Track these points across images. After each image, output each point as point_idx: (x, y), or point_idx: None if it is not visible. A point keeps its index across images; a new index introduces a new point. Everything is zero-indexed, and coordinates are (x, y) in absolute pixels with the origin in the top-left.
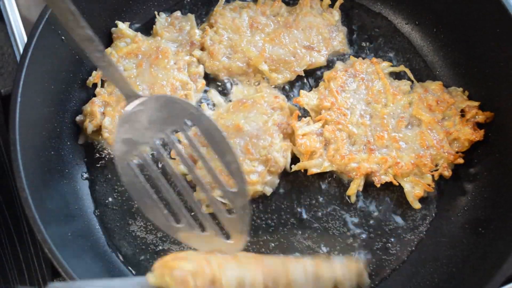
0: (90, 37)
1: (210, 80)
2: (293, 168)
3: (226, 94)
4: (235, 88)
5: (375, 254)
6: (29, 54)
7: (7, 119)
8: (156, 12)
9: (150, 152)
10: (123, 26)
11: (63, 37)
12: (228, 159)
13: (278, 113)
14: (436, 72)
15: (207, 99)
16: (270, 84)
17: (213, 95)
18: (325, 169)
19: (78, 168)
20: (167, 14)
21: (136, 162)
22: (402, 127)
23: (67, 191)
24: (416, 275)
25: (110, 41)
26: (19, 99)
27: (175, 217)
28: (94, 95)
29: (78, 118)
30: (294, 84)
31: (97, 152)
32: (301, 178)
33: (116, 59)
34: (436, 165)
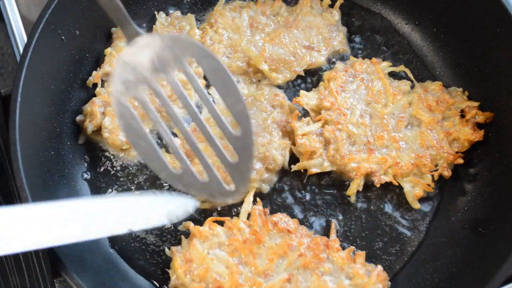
0: None
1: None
2: (293, 168)
3: None
4: None
5: (375, 254)
6: (29, 54)
7: (7, 119)
8: (156, 12)
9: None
10: None
11: (63, 37)
12: (233, 100)
13: (278, 111)
14: (436, 72)
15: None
16: (270, 84)
17: (214, 92)
18: (325, 169)
19: (78, 168)
20: (167, 14)
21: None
22: (402, 127)
23: (67, 191)
24: (416, 275)
25: (110, 41)
26: (19, 99)
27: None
28: (94, 95)
29: (78, 118)
30: (294, 84)
31: (97, 152)
32: (300, 178)
33: (116, 59)
34: (436, 165)
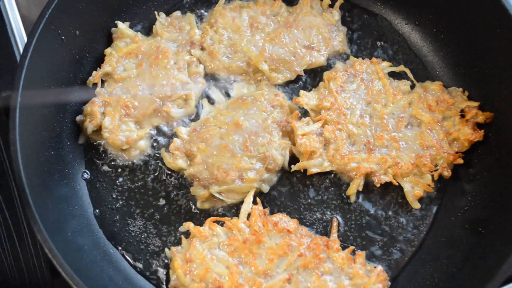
0: None
1: (210, 80)
2: (293, 168)
3: (227, 91)
4: (236, 86)
5: (375, 254)
6: (29, 54)
7: (7, 119)
8: (156, 12)
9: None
10: (123, 26)
11: (63, 37)
12: None
13: (278, 111)
14: (436, 72)
15: (208, 95)
16: (270, 84)
17: (214, 92)
18: (325, 169)
19: (78, 168)
20: (167, 14)
21: None
22: (402, 127)
23: (67, 191)
24: (416, 275)
25: (110, 41)
26: (19, 99)
27: None
28: (94, 95)
29: (78, 118)
30: (294, 84)
31: (97, 152)
32: (300, 178)
33: (116, 59)
34: (436, 165)
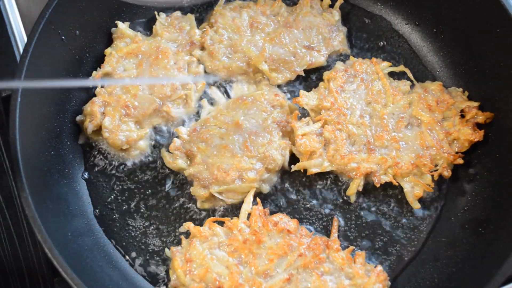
0: None
1: (210, 80)
2: (293, 168)
3: (227, 91)
4: (236, 86)
5: (375, 254)
6: (29, 54)
7: (7, 119)
8: (156, 12)
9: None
10: (123, 26)
11: (63, 37)
12: None
13: (278, 111)
14: (436, 72)
15: (208, 95)
16: (270, 84)
17: (214, 92)
18: (325, 169)
19: (78, 168)
20: (167, 14)
21: None
22: (402, 127)
23: (67, 191)
24: (416, 275)
25: (110, 41)
26: (19, 99)
27: None
28: (94, 95)
29: (78, 118)
30: (294, 84)
31: (97, 152)
32: (300, 178)
33: (116, 59)
34: (436, 165)
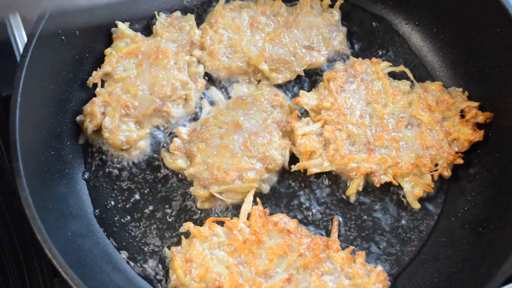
0: None
1: (210, 80)
2: (293, 168)
3: (227, 91)
4: (235, 86)
5: (375, 254)
6: (29, 54)
7: (7, 119)
8: (156, 12)
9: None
10: (123, 26)
11: (63, 37)
12: None
13: (278, 111)
14: (436, 72)
15: (208, 96)
16: (270, 84)
17: (214, 92)
18: (325, 169)
19: (78, 168)
20: (167, 14)
21: None
22: (402, 127)
23: (67, 191)
24: (416, 275)
25: (110, 41)
26: (19, 99)
27: None
28: (94, 95)
29: (78, 118)
30: (294, 84)
31: (97, 152)
32: (300, 178)
33: (116, 59)
34: (436, 165)
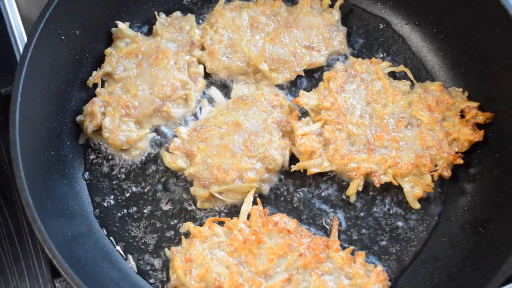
0: None
1: (210, 80)
2: (293, 168)
3: (227, 92)
4: (236, 86)
5: (375, 254)
6: (29, 54)
7: (7, 119)
8: (156, 12)
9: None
10: (123, 26)
11: (63, 37)
12: None
13: (278, 111)
14: (436, 72)
15: (208, 96)
16: (270, 84)
17: (214, 92)
18: (325, 169)
19: (78, 168)
20: (167, 14)
21: None
22: (402, 127)
23: (67, 191)
24: (416, 275)
25: (110, 41)
26: (19, 99)
27: None
28: (94, 95)
29: (78, 118)
30: (294, 84)
31: (97, 152)
32: (300, 178)
33: (116, 59)
34: (436, 166)
